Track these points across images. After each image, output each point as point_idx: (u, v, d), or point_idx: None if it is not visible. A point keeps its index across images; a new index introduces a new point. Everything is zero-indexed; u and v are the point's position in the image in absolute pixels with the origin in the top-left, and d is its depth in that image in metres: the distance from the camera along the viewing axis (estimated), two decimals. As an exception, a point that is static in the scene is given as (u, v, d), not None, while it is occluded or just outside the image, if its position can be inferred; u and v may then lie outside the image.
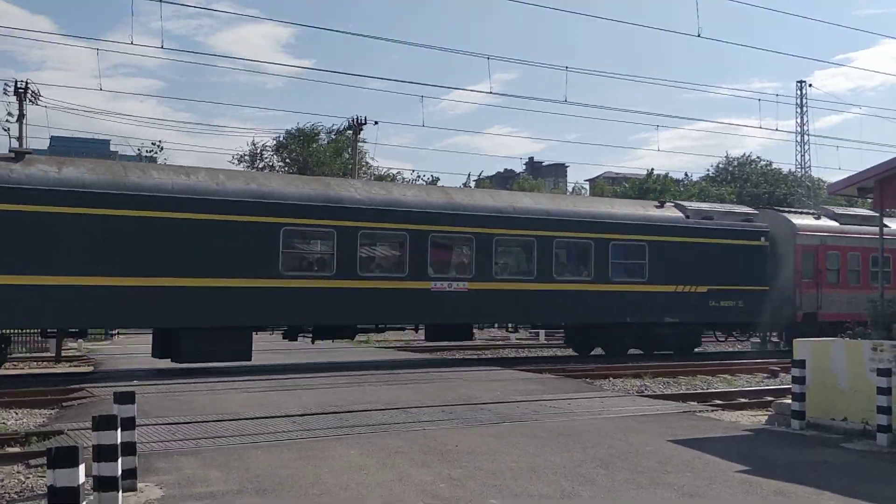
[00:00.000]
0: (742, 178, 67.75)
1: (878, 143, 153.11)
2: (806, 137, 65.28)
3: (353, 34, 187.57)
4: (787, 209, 31.90)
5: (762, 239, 26.22)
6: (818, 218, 28.82)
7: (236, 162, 51.41)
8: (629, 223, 24.12)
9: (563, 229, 23.04)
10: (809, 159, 67.11)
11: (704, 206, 28.19)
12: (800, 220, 27.98)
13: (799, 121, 64.82)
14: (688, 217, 25.50)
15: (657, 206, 26.03)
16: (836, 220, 28.66)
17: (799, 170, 66.25)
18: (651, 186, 61.78)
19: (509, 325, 26.51)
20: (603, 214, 24.05)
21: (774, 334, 30.49)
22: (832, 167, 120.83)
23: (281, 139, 51.68)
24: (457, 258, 22.64)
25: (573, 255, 24.10)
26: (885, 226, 28.75)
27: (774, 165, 71.11)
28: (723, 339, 29.03)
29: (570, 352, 26.30)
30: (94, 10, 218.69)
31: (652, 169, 68.18)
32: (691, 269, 24.64)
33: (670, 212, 25.68)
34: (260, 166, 50.95)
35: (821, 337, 25.02)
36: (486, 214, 21.90)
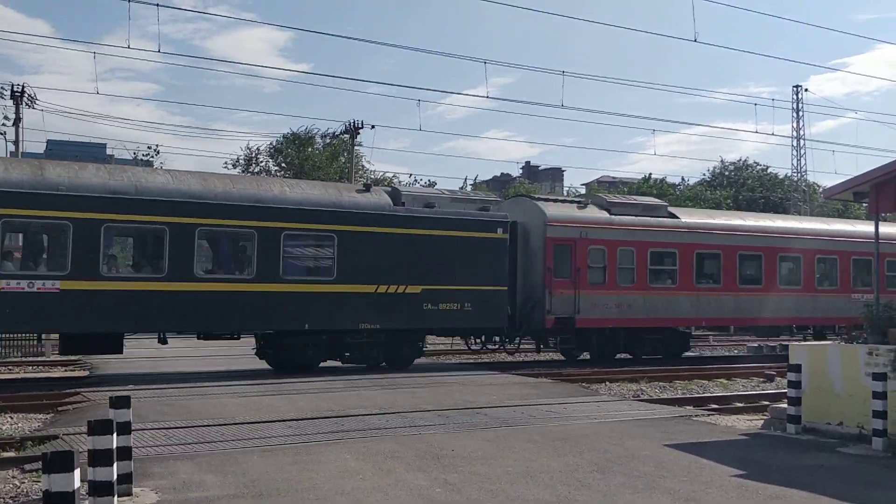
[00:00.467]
0: (738, 183, 67.84)
1: (874, 147, 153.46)
2: (802, 142, 65.40)
3: (351, 38, 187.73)
4: (541, 197, 27.35)
5: (500, 230, 22.00)
6: (583, 207, 24.82)
7: (231, 166, 51.40)
8: (311, 209, 19.74)
9: (211, 215, 18.56)
10: (805, 164, 67.28)
11: (427, 191, 24.51)
12: (553, 209, 23.87)
13: (795, 125, 64.91)
14: (402, 204, 21.11)
15: (361, 190, 21.45)
16: (606, 210, 24.62)
17: (795, 174, 66.38)
18: (647, 191, 61.83)
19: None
20: (272, 198, 19.45)
21: None
22: (828, 171, 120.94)
23: (276, 143, 51.69)
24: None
25: (227, 248, 19.88)
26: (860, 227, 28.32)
27: (770, 170, 71.23)
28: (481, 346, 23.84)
29: (557, 356, 26.09)
30: (92, 14, 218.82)
31: (650, 174, 68.29)
32: (401, 265, 20.50)
33: (376, 197, 21.08)
34: (255, 170, 50.94)
35: (577, 346, 24.10)
36: (93, 195, 17.43)
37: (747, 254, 26.12)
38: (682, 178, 74.59)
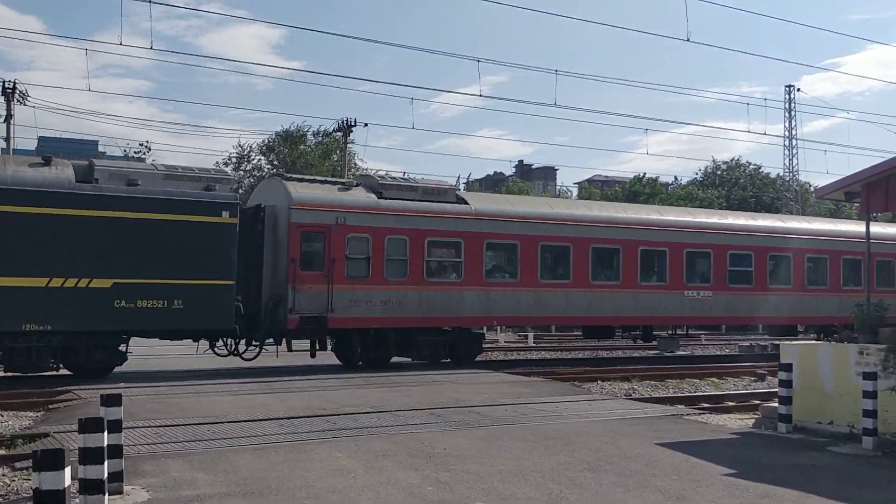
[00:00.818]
0: (730, 182, 68.00)
1: (866, 147, 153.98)
2: (794, 142, 65.65)
3: (343, 36, 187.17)
4: (295, 177, 22.59)
5: (226, 214, 18.48)
6: (346, 189, 21.34)
7: (223, 164, 51.28)
8: None
9: None
10: (797, 163, 67.24)
11: (131, 165, 21.40)
12: (302, 190, 20.39)
13: (787, 125, 65.16)
14: (94, 181, 17.66)
15: (36, 164, 17.63)
16: (375, 193, 21.21)
17: (787, 174, 66.57)
18: (640, 190, 61.92)
19: None
20: None
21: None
22: (820, 171, 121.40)
23: (268, 141, 51.61)
24: None
25: None
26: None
27: (762, 170, 71.38)
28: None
29: (558, 355, 26.15)
30: (84, 10, 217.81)
31: (644, 173, 68.42)
32: (85, 254, 17.17)
33: (54, 171, 17.44)
34: (247, 168, 50.87)
35: (330, 348, 20.55)
36: None
37: (551, 245, 23.16)
38: (675, 178, 74.73)
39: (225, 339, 19.64)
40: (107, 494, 7.08)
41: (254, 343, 19.80)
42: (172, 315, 17.96)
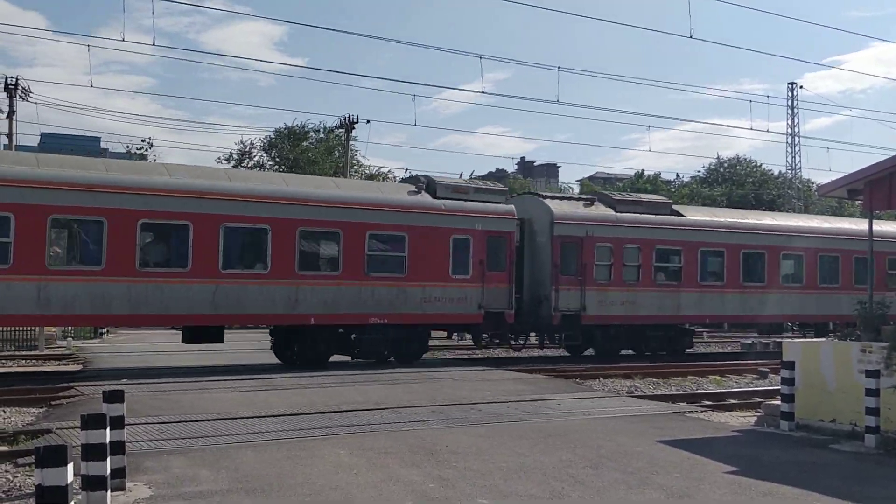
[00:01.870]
0: (733, 180, 67.87)
1: (869, 145, 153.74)
2: (797, 139, 65.53)
3: (346, 32, 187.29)
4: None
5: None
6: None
7: (224, 161, 51.27)
8: None
9: None
10: (800, 161, 67.30)
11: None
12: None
13: (790, 122, 65.03)
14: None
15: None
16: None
17: (789, 171, 66.46)
18: (642, 187, 61.87)
19: None
20: None
21: None
22: (823, 169, 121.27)
23: (270, 137, 51.58)
24: None
25: None
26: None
27: (765, 167, 71.23)
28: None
29: (561, 352, 26.26)
30: (86, 6, 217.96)
31: (642, 170, 68.37)
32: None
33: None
34: (249, 165, 50.83)
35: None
36: None
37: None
38: (677, 175, 74.60)
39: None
40: (109, 491, 7.09)
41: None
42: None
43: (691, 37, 35.07)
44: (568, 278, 23.10)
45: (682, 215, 25.97)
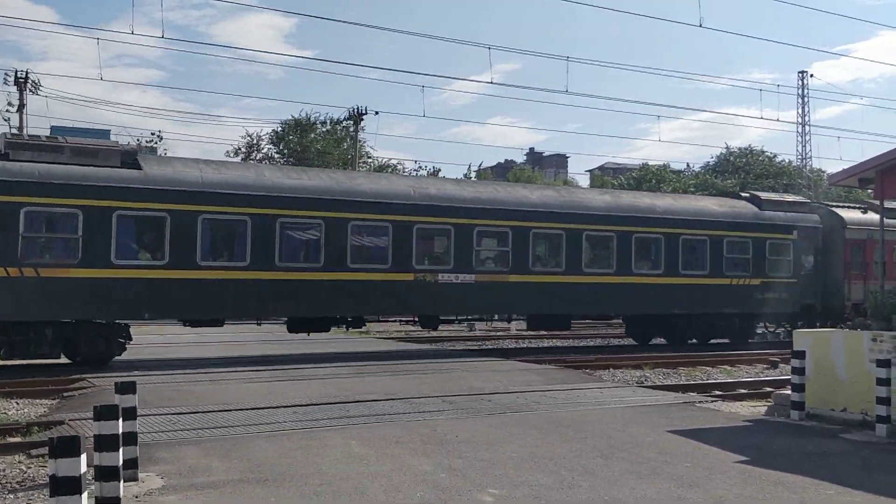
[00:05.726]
0: (745, 170, 67.58)
1: (880, 133, 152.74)
2: (807, 128, 65.24)
3: (355, 24, 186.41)
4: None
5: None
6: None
7: (233, 153, 51.38)
8: None
9: None
10: (811, 150, 67.02)
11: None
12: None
13: (800, 111, 64.77)
14: None
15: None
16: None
17: (800, 160, 66.18)
18: (649, 178, 61.77)
19: None
20: None
21: None
22: (833, 158, 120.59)
23: (277, 130, 51.62)
24: None
25: None
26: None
27: (777, 157, 70.86)
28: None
29: (570, 343, 26.41)
30: (96, 0, 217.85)
31: (646, 162, 68.25)
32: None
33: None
34: (258, 157, 50.92)
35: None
36: None
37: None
38: (688, 165, 74.43)
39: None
40: (122, 481, 7.13)
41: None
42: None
43: (701, 25, 34.78)
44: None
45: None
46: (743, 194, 28.16)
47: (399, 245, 20.39)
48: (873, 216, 27.68)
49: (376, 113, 57.17)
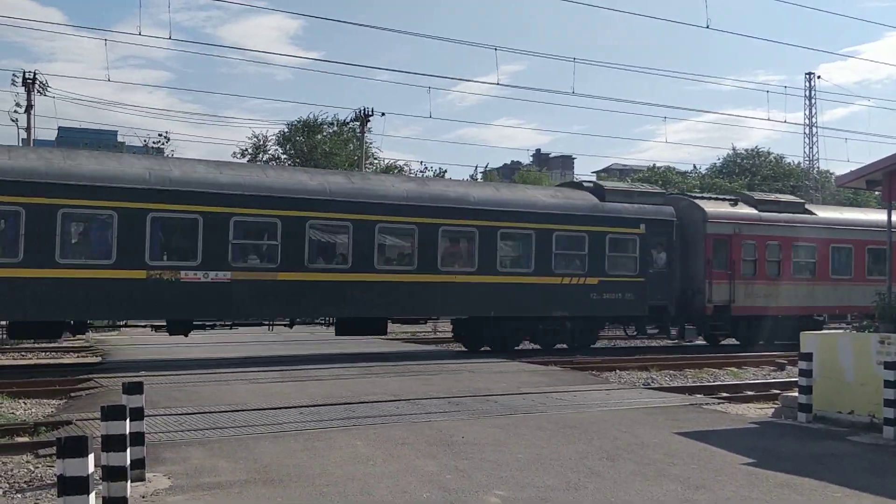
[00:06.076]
0: (752, 171, 67.41)
1: (887, 135, 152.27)
2: (814, 129, 65.08)
3: (362, 25, 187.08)
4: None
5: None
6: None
7: (239, 154, 51.47)
8: None
9: None
10: (818, 151, 66.82)
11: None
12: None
13: (807, 113, 64.60)
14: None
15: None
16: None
17: (807, 162, 66.01)
18: (655, 180, 61.70)
19: None
20: None
21: None
22: (840, 159, 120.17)
23: (284, 131, 51.71)
24: None
25: None
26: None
27: (785, 159, 70.69)
28: None
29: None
30: (105, 1, 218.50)
31: (654, 164, 68.21)
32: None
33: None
34: (265, 159, 50.98)
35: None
36: None
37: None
38: (694, 166, 74.23)
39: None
40: (129, 481, 7.15)
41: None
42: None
43: (708, 27, 34.83)
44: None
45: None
46: (586, 184, 26.18)
47: (126, 237, 17.61)
48: (744, 209, 26.21)
49: (382, 114, 56.99)
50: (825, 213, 28.60)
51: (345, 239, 20.15)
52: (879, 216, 28.43)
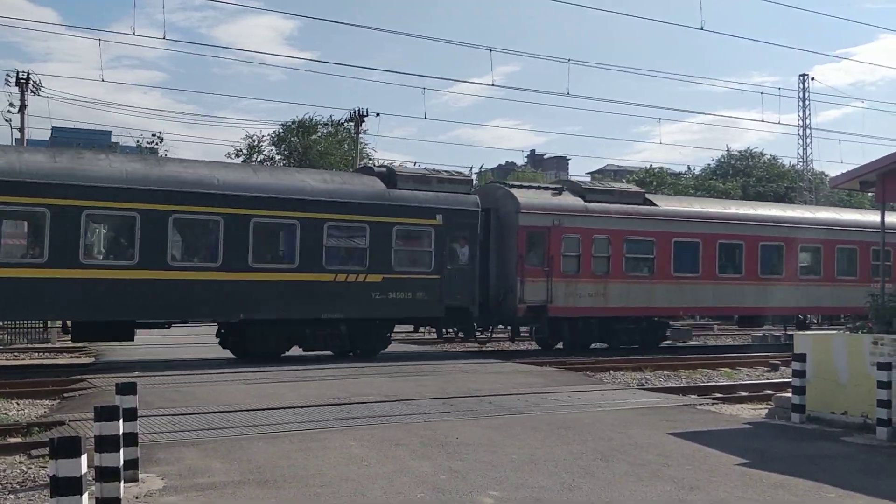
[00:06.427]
0: (746, 173, 67.53)
1: (880, 137, 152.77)
2: (808, 131, 65.25)
3: (356, 26, 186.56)
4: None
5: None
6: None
7: (234, 155, 51.35)
8: None
9: None
10: (812, 153, 67.02)
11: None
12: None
13: (801, 114, 64.74)
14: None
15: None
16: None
17: (801, 163, 66.18)
18: (650, 181, 61.78)
19: None
20: None
21: None
22: (834, 161, 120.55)
23: (279, 131, 51.62)
24: None
25: None
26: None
27: (779, 160, 70.82)
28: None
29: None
30: (98, 1, 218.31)
31: (650, 165, 68.37)
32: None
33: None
34: (259, 159, 50.89)
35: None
36: None
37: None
38: (689, 167, 74.43)
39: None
40: (122, 482, 7.13)
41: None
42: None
43: (702, 29, 34.83)
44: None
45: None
46: (377, 169, 22.70)
47: None
48: (568, 199, 23.57)
49: (377, 115, 56.82)
50: (669, 204, 25.87)
51: (43, 229, 17.02)
52: (736, 209, 26.71)
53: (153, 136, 50.28)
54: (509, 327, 23.80)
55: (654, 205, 24.88)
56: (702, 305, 25.76)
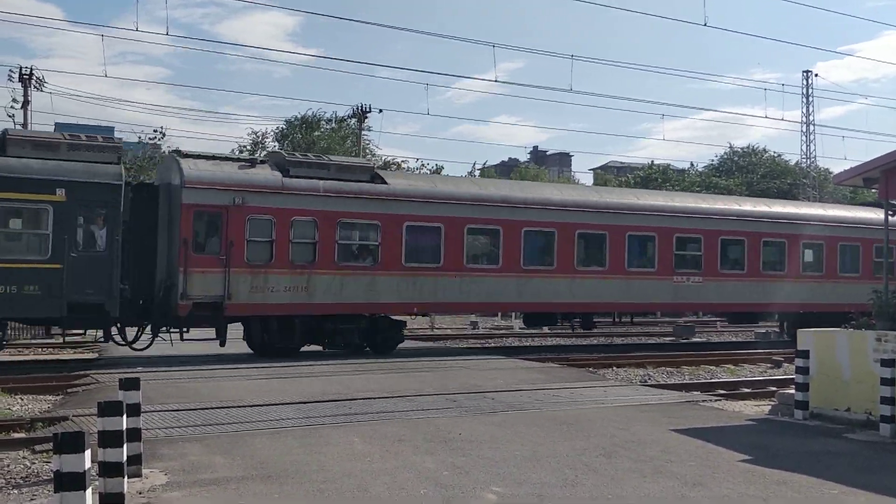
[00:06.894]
0: (748, 169, 67.38)
1: (884, 133, 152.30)
2: (812, 127, 65.09)
3: (360, 22, 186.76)
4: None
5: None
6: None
7: (238, 151, 51.37)
8: None
9: None
10: (815, 149, 66.76)
11: None
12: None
13: (805, 111, 64.54)
14: None
15: None
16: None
17: (804, 160, 66.04)
18: (653, 176, 61.70)
19: None
20: None
21: None
22: (838, 157, 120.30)
23: (282, 127, 51.74)
24: None
25: None
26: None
27: (782, 156, 70.71)
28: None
29: (573, 341, 26.26)
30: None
31: (652, 161, 68.22)
32: None
33: None
34: (263, 155, 50.97)
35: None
36: None
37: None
38: (692, 164, 74.23)
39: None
40: (126, 477, 7.13)
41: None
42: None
43: (706, 25, 34.81)
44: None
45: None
46: None
47: None
48: (258, 172, 19.59)
49: (380, 111, 56.83)
50: (396, 181, 21.77)
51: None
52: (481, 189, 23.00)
53: (155, 131, 50.25)
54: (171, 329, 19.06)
55: (385, 183, 20.97)
56: (446, 301, 21.85)
